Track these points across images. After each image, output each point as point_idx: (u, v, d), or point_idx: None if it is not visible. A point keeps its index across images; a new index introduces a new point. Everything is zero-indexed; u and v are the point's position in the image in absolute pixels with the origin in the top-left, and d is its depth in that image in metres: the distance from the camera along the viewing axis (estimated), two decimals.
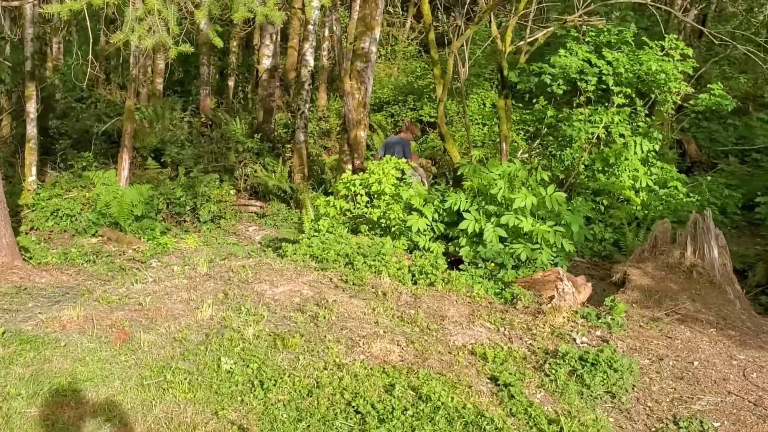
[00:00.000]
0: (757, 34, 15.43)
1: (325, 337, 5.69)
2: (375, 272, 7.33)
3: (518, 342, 5.98)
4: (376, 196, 8.94)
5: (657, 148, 11.21)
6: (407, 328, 6.02)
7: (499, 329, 6.22)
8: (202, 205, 11.54)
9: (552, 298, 6.68)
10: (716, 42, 11.86)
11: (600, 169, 11.16)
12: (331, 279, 7.16)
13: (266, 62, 16.47)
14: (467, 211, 8.23)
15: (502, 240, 7.99)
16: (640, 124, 11.37)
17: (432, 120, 16.72)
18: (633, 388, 5.35)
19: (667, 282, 7.27)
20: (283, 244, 8.50)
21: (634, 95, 11.07)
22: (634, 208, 10.61)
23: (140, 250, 9.86)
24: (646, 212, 10.59)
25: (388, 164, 9.00)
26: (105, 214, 10.48)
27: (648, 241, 8.05)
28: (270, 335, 5.65)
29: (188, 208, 11.37)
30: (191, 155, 14.39)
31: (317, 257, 7.82)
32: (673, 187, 10.82)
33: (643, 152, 11.08)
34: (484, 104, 16.15)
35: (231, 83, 21.42)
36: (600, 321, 6.46)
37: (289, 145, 17.05)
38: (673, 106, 11.45)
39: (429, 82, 16.62)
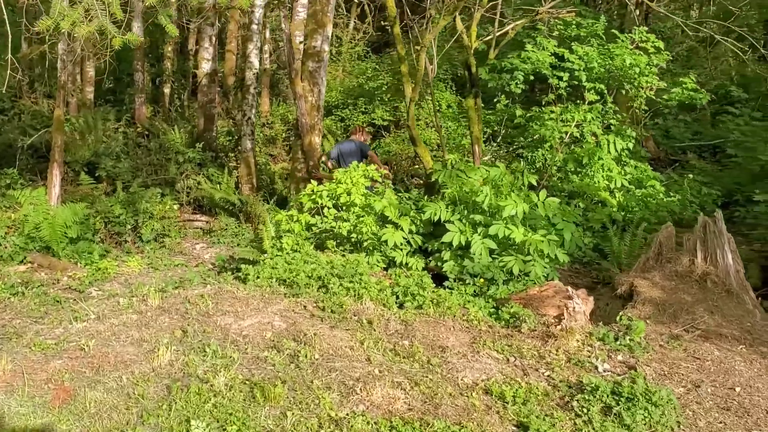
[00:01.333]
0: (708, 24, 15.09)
1: (312, 382, 4.76)
2: (354, 296, 6.44)
3: (535, 374, 5.16)
4: (344, 208, 8.04)
5: (630, 146, 10.62)
6: (405, 364, 5.13)
7: (508, 359, 5.39)
8: (144, 223, 10.42)
9: (559, 317, 5.90)
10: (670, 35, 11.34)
11: (573, 170, 10.51)
12: (305, 306, 6.24)
13: (206, 66, 15.40)
14: (450, 221, 7.41)
15: (491, 252, 7.19)
16: (612, 121, 10.77)
17: (386, 123, 15.90)
18: (678, 426, 4.58)
19: (680, 293, 6.59)
20: (243, 266, 7.51)
21: (606, 91, 10.46)
22: (612, 209, 9.97)
23: (77, 277, 8.71)
24: (623, 214, 9.97)
25: (356, 172, 8.10)
26: (34, 237, 9.27)
27: (652, 247, 7.36)
28: (245, 384, 4.69)
29: (129, 226, 10.24)
30: (128, 168, 13.23)
31: (285, 281, 6.88)
32: (650, 187, 10.24)
33: (616, 151, 10.48)
34: (440, 105, 15.38)
35: (167, 90, 20.21)
36: (619, 343, 5.70)
37: (233, 154, 16.02)
38: (643, 102, 10.87)
39: (380, 83, 15.80)
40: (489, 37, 9.62)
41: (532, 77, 9.85)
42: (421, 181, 12.30)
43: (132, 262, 9.46)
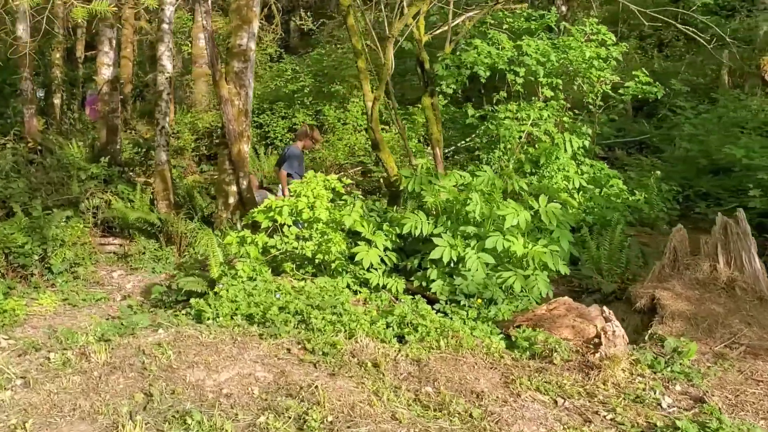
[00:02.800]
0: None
1: None
2: (344, 332, 5.39)
3: (597, 419, 4.27)
4: (305, 225, 6.96)
5: (587, 144, 10.01)
6: (443, 420, 4.13)
7: (556, 402, 4.48)
8: (54, 252, 8.95)
9: (596, 344, 5.05)
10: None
11: (530, 171, 9.80)
12: (288, 350, 5.13)
13: (106, 72, 13.86)
14: (437, 235, 6.47)
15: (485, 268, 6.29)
16: (565, 119, 10.13)
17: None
18: None
19: (708, 303, 5.89)
20: (193, 300, 6.31)
21: (561, 87, 9.81)
22: (577, 212, 9.30)
23: None
24: (588, 216, 9.31)
25: (316, 182, 7.03)
26: None
27: (666, 254, 6.65)
28: None
29: (36, 257, 8.75)
30: (24, 189, 11.58)
31: (253, 317, 5.74)
32: (614, 186, 9.65)
33: (573, 149, 9.84)
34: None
35: (57, 101, 18.39)
36: (671, 370, 4.91)
37: (141, 168, 14.55)
38: (599, 98, 10.30)
39: (301, 85, 14.69)
40: (441, 29, 8.77)
41: (488, 73, 9.07)
42: (359, 192, 11.31)
43: (44, 300, 8.06)
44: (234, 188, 10.42)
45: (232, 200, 10.42)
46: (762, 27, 16.92)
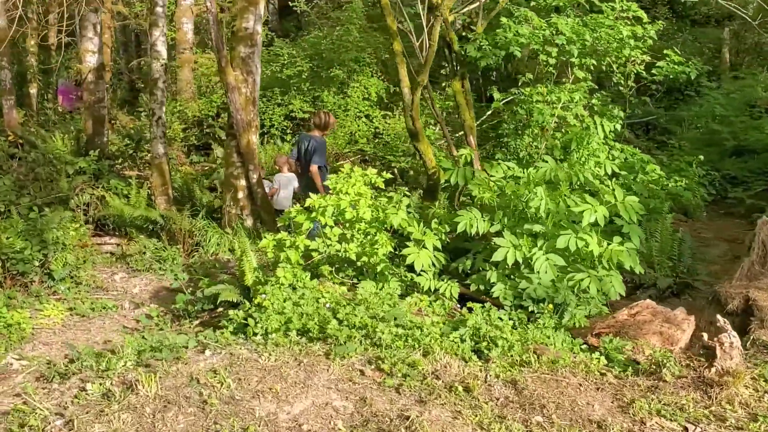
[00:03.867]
0: None
1: None
2: (416, 348, 4.79)
3: None
4: (347, 225, 6.32)
5: (618, 127, 9.48)
6: None
7: (687, 429, 3.94)
8: (55, 257, 8.22)
9: (709, 357, 4.52)
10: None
11: (560, 157, 9.24)
12: (362, 372, 4.52)
13: (91, 60, 13.02)
14: (497, 234, 5.89)
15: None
16: (594, 101, 9.58)
17: (305, 116, 14.08)
18: None
19: None
20: (232, 312, 5.66)
21: (594, 67, 9.24)
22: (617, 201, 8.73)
23: None
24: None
25: (355, 177, 6.39)
26: None
27: (755, 249, 6.14)
28: None
29: (36, 263, 8.00)
30: (10, 186, 10.76)
31: (309, 332, 5.12)
32: (651, 172, 9.14)
33: (605, 133, 9.29)
34: (369, 93, 13.77)
35: (33, 91, 17.43)
36: None
37: (133, 162, 13.75)
38: (632, 78, 9.75)
39: (297, 70, 13.95)
40: (469, 7, 8.13)
41: (519, 53, 8.47)
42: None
43: (49, 310, 7.38)
44: (243, 182, 9.75)
45: (241, 195, 9.75)
46: None
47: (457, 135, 8.94)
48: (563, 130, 9.53)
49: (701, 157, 9.64)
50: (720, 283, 6.56)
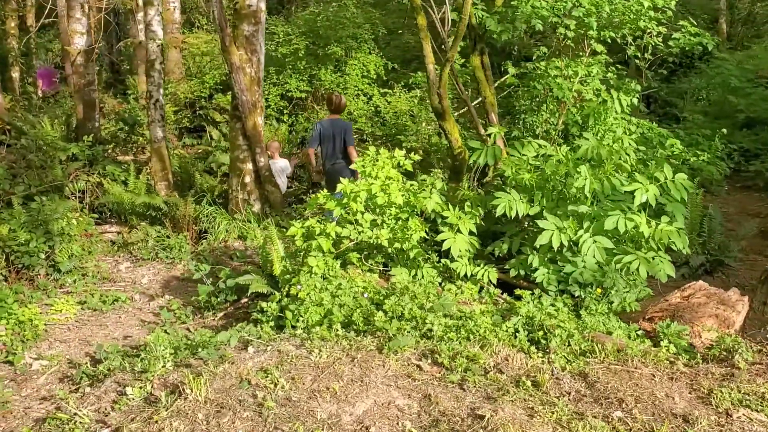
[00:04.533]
0: None
1: None
2: (471, 339, 4.55)
3: None
4: (378, 210, 6.05)
5: (635, 102, 9.25)
6: None
7: None
8: (60, 249, 7.88)
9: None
10: None
11: (577, 134, 9.02)
12: (419, 366, 4.27)
13: (79, 41, 12.53)
14: (539, 217, 5.65)
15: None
16: (610, 75, 9.33)
17: (302, 96, 13.73)
18: None
19: None
20: (264, 304, 5.39)
21: (618, 39, 8.96)
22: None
23: None
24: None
25: (386, 161, 6.11)
26: None
27: None
28: None
29: (42, 256, 7.66)
30: (3, 175, 10.34)
31: (354, 325, 4.86)
32: (672, 146, 8.93)
33: (622, 108, 9.07)
34: (368, 70, 13.42)
35: (16, 74, 16.88)
36: None
37: (128, 146, 13.35)
38: (649, 51, 9.49)
39: (293, 48, 13.56)
40: None
41: (540, 27, 8.18)
42: None
43: (60, 305, 7.06)
44: (250, 166, 9.44)
45: (248, 179, 9.45)
46: None
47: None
48: (578, 105, 9.30)
49: (724, 131, 9.46)
50: (753, 259, 6.39)
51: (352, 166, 6.20)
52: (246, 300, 6.51)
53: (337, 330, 4.74)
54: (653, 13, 8.67)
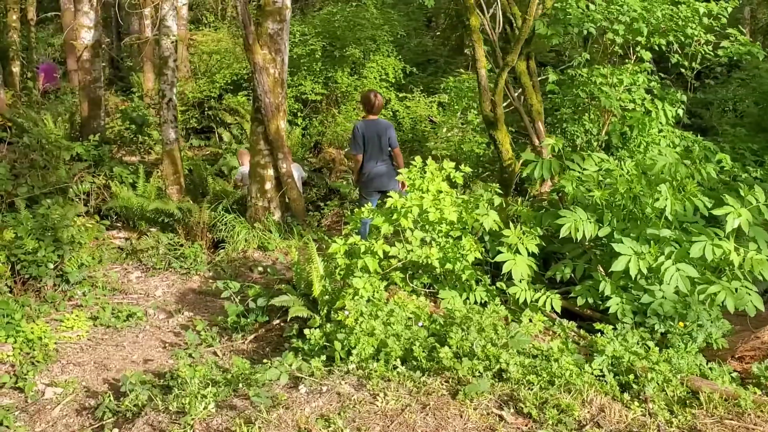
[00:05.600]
0: None
1: None
2: (561, 386, 3.99)
3: None
4: (429, 227, 5.50)
5: (680, 113, 8.73)
6: None
7: None
8: (69, 257, 7.30)
9: None
10: None
11: (619, 145, 8.50)
12: (501, 417, 3.72)
13: (86, 36, 11.97)
14: (611, 239, 5.12)
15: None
16: (654, 84, 8.81)
17: (317, 98, 13.17)
18: None
19: None
20: (308, 332, 4.83)
21: (664, 47, 8.43)
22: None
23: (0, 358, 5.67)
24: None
25: (436, 173, 5.56)
26: None
27: None
28: None
29: (51, 266, 7.07)
30: (5, 176, 9.75)
31: (415, 361, 4.31)
32: (721, 161, 8.40)
33: (667, 119, 8.56)
34: (386, 74, 12.88)
35: (16, 69, 16.26)
36: None
37: (134, 147, 12.78)
38: (697, 60, 8.98)
39: (310, 49, 13.00)
40: None
41: (594, 31, 7.63)
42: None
43: (71, 321, 6.50)
44: (271, 172, 8.87)
45: (268, 186, 8.88)
46: None
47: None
48: (620, 115, 8.78)
49: None
50: None
51: (399, 177, 5.65)
52: (278, 321, 5.96)
53: (397, 366, 4.19)
54: (707, 20, 8.16)
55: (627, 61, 8.50)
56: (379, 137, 7.57)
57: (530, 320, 4.82)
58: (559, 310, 5.26)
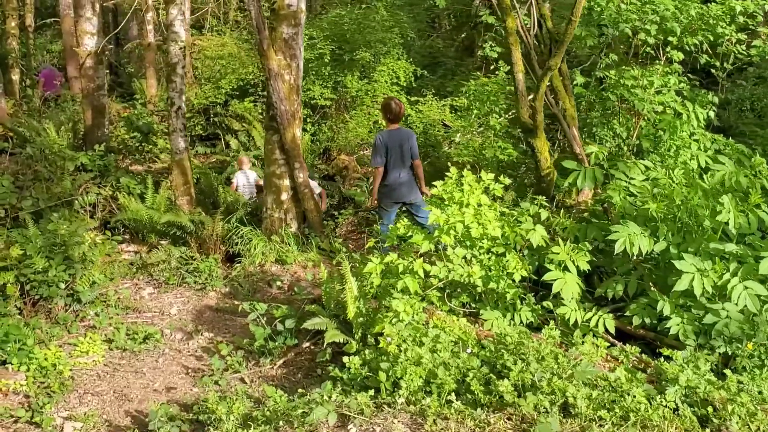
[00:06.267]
0: None
1: None
2: (637, 423, 3.65)
3: None
4: (469, 244, 5.15)
5: (711, 115, 8.42)
6: None
7: None
8: (81, 276, 6.94)
9: None
10: None
11: (650, 149, 8.17)
12: None
13: (89, 42, 11.60)
14: (668, 255, 4.78)
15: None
16: (683, 85, 8.49)
17: (326, 104, 12.83)
18: None
19: None
20: (348, 360, 4.49)
21: (695, 46, 8.10)
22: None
23: (14, 389, 5.33)
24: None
25: (475, 186, 5.22)
26: None
27: None
28: None
29: (63, 285, 6.71)
30: (9, 188, 9.38)
31: (466, 393, 3.97)
32: (759, 165, 8.04)
33: (698, 122, 8.23)
34: (398, 77, 12.54)
35: (16, 77, 15.91)
36: None
37: (139, 155, 12.44)
38: (729, 60, 8.66)
39: (318, 53, 12.65)
40: None
41: (629, 31, 7.30)
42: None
43: (86, 345, 6.15)
44: (287, 182, 8.52)
45: (285, 196, 8.53)
46: None
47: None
48: (649, 119, 8.45)
49: None
50: None
51: (433, 191, 5.31)
52: (308, 344, 5.62)
53: (452, 401, 3.84)
54: (742, 18, 7.85)
55: (657, 62, 8.18)
56: (401, 147, 7.26)
57: (592, 345, 4.46)
58: (613, 331, 4.93)
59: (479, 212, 5.02)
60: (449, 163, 10.18)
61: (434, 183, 5.42)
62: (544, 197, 5.38)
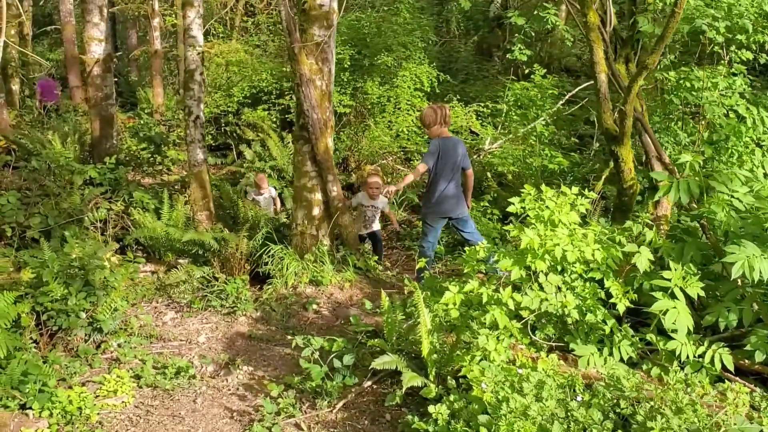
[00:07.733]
0: None
1: None
2: None
3: None
4: (559, 268, 4.50)
5: None
6: None
7: None
8: (102, 305, 6.23)
9: None
10: None
11: (713, 156, 7.57)
12: None
13: (96, 49, 10.94)
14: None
15: None
16: (746, 87, 7.90)
17: (345, 111, 12.17)
18: None
19: None
20: (433, 409, 3.83)
21: (758, 46, 7.51)
22: None
23: None
24: None
25: (565, 200, 4.58)
26: None
27: None
28: None
29: (84, 315, 6.02)
30: (16, 205, 8.71)
31: None
32: None
33: (765, 127, 7.64)
34: (422, 83, 11.89)
35: (16, 87, 15.21)
36: None
37: (149, 168, 11.78)
38: None
39: (337, 58, 11.98)
40: None
41: (707, 29, 6.71)
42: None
43: (112, 383, 5.47)
44: (319, 196, 7.87)
45: (317, 211, 7.88)
46: None
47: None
48: (702, 122, 7.86)
49: None
50: None
51: (510, 208, 4.67)
52: (370, 383, 4.95)
53: None
54: None
55: (721, 63, 7.58)
56: (453, 155, 6.67)
57: (731, 391, 3.81)
58: (732, 368, 4.28)
59: (573, 232, 4.38)
60: (488, 174, 9.60)
61: (510, 200, 4.77)
62: (644, 214, 4.72)
